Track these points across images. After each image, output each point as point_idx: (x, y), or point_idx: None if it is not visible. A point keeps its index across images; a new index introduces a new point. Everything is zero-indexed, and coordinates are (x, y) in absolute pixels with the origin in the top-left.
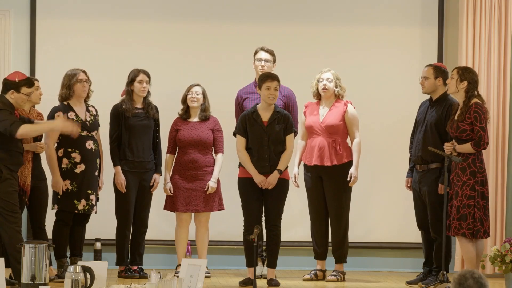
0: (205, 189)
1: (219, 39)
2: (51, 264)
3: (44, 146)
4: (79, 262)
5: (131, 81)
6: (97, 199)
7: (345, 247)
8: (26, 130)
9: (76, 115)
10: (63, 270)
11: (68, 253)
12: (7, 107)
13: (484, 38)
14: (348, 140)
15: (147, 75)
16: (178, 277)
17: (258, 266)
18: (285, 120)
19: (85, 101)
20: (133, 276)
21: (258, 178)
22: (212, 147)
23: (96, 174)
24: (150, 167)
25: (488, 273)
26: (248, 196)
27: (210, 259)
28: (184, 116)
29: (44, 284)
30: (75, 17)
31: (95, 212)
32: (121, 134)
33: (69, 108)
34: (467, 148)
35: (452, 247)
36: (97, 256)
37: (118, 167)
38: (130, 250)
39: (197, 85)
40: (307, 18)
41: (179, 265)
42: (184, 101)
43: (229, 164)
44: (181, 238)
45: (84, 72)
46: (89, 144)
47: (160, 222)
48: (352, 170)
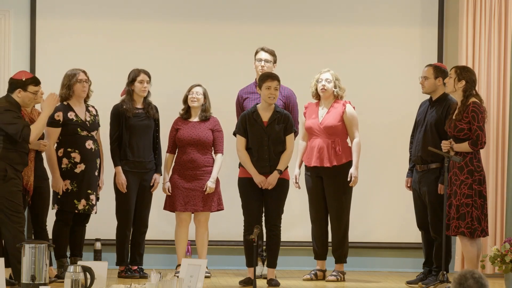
0: (204, 189)
1: (219, 39)
2: (51, 264)
3: (47, 144)
4: (79, 262)
5: (132, 81)
6: (97, 199)
7: (345, 247)
8: (37, 132)
9: (76, 115)
10: (63, 270)
11: (68, 253)
12: (14, 107)
13: (484, 38)
14: (348, 140)
15: (148, 75)
16: (178, 277)
17: (258, 266)
18: (285, 120)
19: (85, 101)
20: (133, 276)
21: (258, 178)
22: (212, 147)
23: (96, 174)
24: (151, 167)
25: (488, 273)
26: (248, 196)
27: (210, 259)
28: (184, 116)
29: (44, 284)
30: (75, 17)
31: (95, 212)
32: (122, 134)
33: (69, 108)
34: (464, 147)
35: (452, 247)
36: (97, 256)
37: (119, 167)
38: (130, 250)
39: (198, 85)
40: (307, 18)
41: (179, 265)
42: (185, 101)
43: (229, 164)
44: (181, 238)
45: (84, 72)
46: (89, 144)
47: (160, 222)
48: (352, 170)
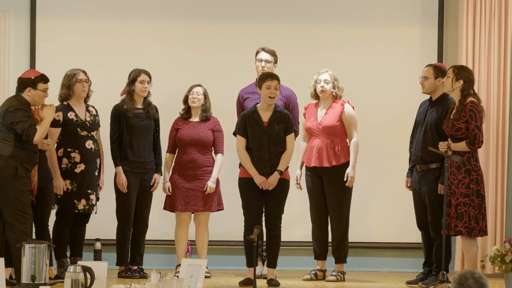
0: (204, 189)
1: (219, 39)
2: (51, 264)
3: (50, 143)
4: (79, 262)
5: (132, 81)
6: (97, 199)
7: (345, 247)
8: (41, 133)
9: (76, 115)
10: (63, 270)
11: (68, 253)
12: (24, 106)
13: (484, 38)
14: (348, 140)
15: (148, 75)
16: (178, 277)
17: (258, 266)
18: (285, 119)
19: (85, 101)
20: (133, 276)
21: (259, 179)
22: (212, 148)
23: (96, 174)
24: (151, 167)
25: (488, 273)
26: (248, 196)
27: (210, 259)
28: (185, 116)
29: (44, 284)
30: (75, 17)
31: (95, 212)
32: (122, 134)
33: (69, 108)
34: (462, 146)
35: (452, 247)
36: (97, 256)
37: (120, 167)
38: (130, 250)
39: (199, 85)
40: (307, 18)
41: (179, 265)
42: (185, 101)
43: (229, 164)
44: (181, 238)
45: (84, 72)
46: (89, 144)
47: (160, 222)
48: (348, 170)
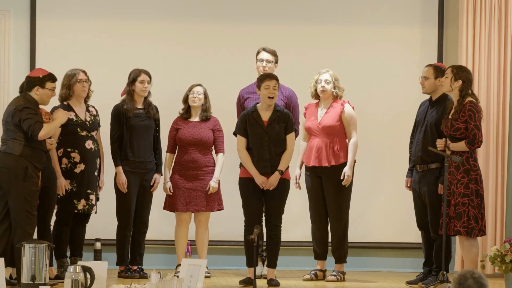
0: (207, 188)
1: (219, 39)
2: (51, 264)
3: (54, 143)
4: (79, 262)
5: (133, 81)
6: (97, 199)
7: (345, 247)
8: (47, 131)
9: (76, 115)
10: (63, 270)
11: (68, 253)
12: (32, 104)
13: (484, 38)
14: (347, 140)
15: (148, 75)
16: (178, 277)
17: (258, 266)
18: (286, 119)
19: (85, 101)
20: (133, 276)
21: (259, 179)
22: (212, 147)
23: (96, 174)
24: (151, 167)
25: (488, 273)
26: (248, 196)
27: (210, 259)
28: (185, 115)
29: (44, 284)
30: (75, 17)
31: (95, 212)
32: (122, 134)
33: (69, 108)
34: (461, 146)
35: (452, 247)
36: (97, 256)
37: (120, 167)
38: (130, 250)
39: (199, 85)
40: (307, 18)
41: (179, 265)
42: (186, 100)
43: (229, 164)
44: (181, 238)
45: (84, 72)
46: (89, 144)
47: (160, 222)
48: (345, 169)
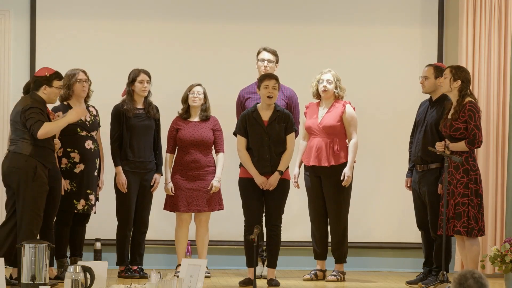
0: (209, 188)
1: (219, 39)
2: (52, 264)
3: (58, 143)
4: (79, 262)
5: (132, 81)
6: (97, 199)
7: (344, 247)
8: (47, 129)
9: None
10: (63, 270)
11: (68, 253)
12: (39, 104)
13: (484, 38)
14: (347, 141)
15: (148, 75)
16: (178, 277)
17: (258, 266)
18: (286, 119)
19: (85, 101)
20: (133, 276)
21: (259, 179)
22: (212, 147)
23: (96, 174)
24: (151, 167)
25: (488, 273)
26: (248, 196)
27: (210, 259)
28: (184, 115)
29: (44, 284)
30: (75, 17)
31: (94, 212)
32: (122, 134)
33: (69, 108)
34: (461, 146)
35: (452, 247)
36: (97, 256)
37: (119, 167)
38: (130, 250)
39: (199, 84)
40: (307, 18)
41: (179, 265)
42: (185, 100)
43: (229, 164)
44: (181, 238)
45: (84, 72)
46: (88, 144)
47: (160, 222)
48: (345, 170)
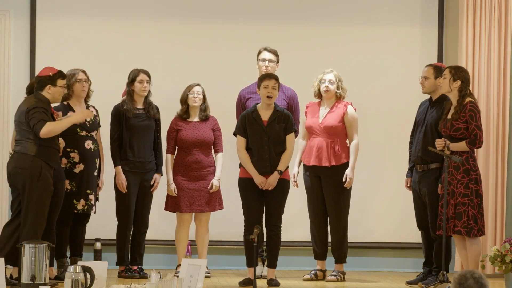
0: (209, 187)
1: (219, 39)
2: (52, 264)
3: (63, 143)
4: (79, 262)
5: (132, 81)
6: (97, 199)
7: (344, 247)
8: (49, 129)
9: None
10: (63, 270)
11: (68, 253)
12: (43, 104)
13: (484, 38)
14: (347, 141)
15: (148, 74)
16: (178, 277)
17: (258, 266)
18: (285, 119)
19: (86, 101)
20: (133, 276)
21: (258, 179)
22: (212, 147)
23: (95, 174)
24: (151, 167)
25: (488, 273)
26: (248, 196)
27: (210, 259)
28: (184, 116)
29: (44, 284)
30: (75, 17)
31: (94, 212)
32: (122, 135)
33: (68, 108)
34: (461, 146)
35: (452, 247)
36: (97, 256)
37: (119, 167)
38: (130, 250)
39: (198, 84)
40: (307, 18)
41: (179, 265)
42: (185, 101)
43: (229, 164)
44: (181, 238)
45: (84, 72)
46: (88, 144)
47: (160, 222)
48: (347, 171)
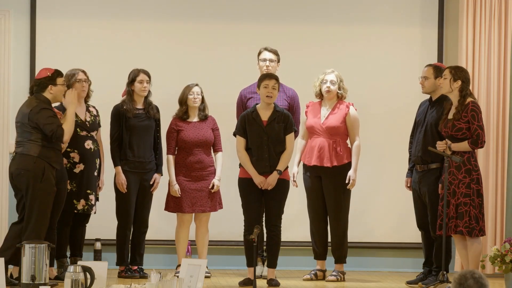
0: (210, 187)
1: (219, 39)
2: (52, 264)
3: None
4: (79, 262)
5: (132, 81)
6: (97, 199)
7: (344, 247)
8: (69, 133)
9: (76, 115)
10: (63, 270)
11: (68, 253)
12: (47, 105)
13: (484, 38)
14: (348, 142)
15: (147, 74)
16: (178, 277)
17: (258, 266)
18: (285, 119)
19: (86, 101)
20: (133, 276)
21: (258, 179)
22: (211, 147)
23: (96, 174)
24: (151, 167)
25: (488, 273)
26: (248, 196)
27: (210, 259)
28: (184, 116)
29: (44, 284)
30: (75, 17)
31: (94, 212)
32: (122, 134)
33: None
34: (463, 146)
35: (452, 247)
36: (97, 256)
37: (119, 167)
38: (130, 250)
39: (196, 85)
40: (307, 18)
41: (179, 265)
42: (184, 101)
43: (229, 164)
44: (181, 238)
45: (84, 72)
46: (88, 144)
47: (160, 222)
48: (350, 173)
